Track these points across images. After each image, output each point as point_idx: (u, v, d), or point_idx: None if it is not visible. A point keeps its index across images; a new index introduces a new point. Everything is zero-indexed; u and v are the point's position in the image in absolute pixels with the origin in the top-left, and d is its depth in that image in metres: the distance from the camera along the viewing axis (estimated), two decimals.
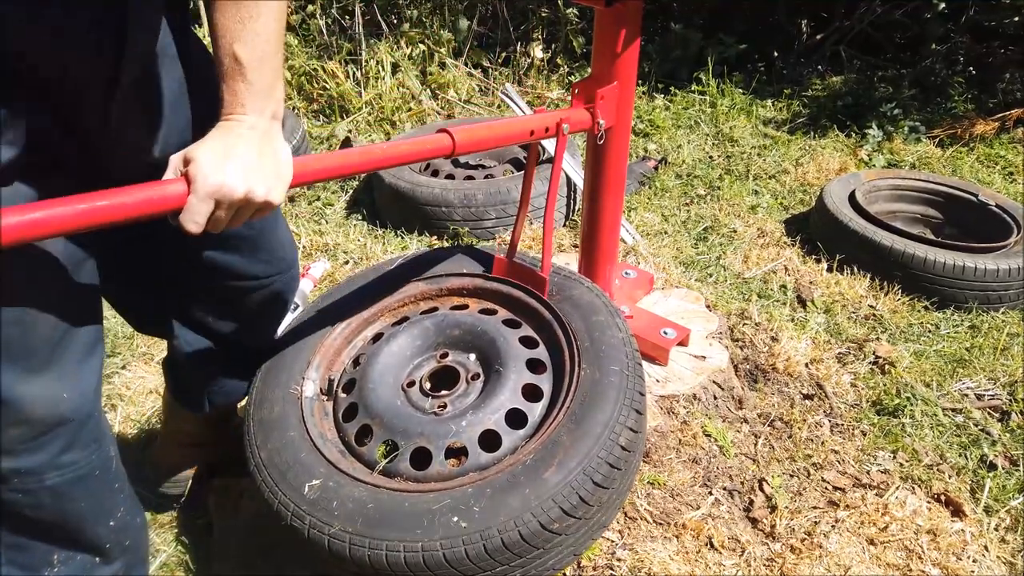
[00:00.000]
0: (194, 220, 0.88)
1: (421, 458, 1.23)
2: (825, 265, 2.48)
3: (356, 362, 1.45)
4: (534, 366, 1.35)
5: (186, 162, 0.88)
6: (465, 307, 1.52)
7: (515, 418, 1.27)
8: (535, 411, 1.28)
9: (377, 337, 1.49)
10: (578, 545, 1.17)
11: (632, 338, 1.35)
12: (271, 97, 0.92)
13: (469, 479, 1.17)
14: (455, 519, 1.08)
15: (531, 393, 1.31)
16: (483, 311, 1.49)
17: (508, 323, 1.44)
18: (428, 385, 1.39)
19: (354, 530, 1.10)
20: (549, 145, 2.55)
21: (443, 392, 1.36)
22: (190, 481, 1.63)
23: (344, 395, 1.38)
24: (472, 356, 1.41)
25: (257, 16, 0.88)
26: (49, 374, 0.97)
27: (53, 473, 1.01)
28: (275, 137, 0.94)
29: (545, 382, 1.33)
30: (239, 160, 0.88)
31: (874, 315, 2.25)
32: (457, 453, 1.25)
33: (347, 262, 2.57)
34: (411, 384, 1.38)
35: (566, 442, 1.17)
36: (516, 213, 1.54)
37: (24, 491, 0.99)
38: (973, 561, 1.46)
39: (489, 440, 1.23)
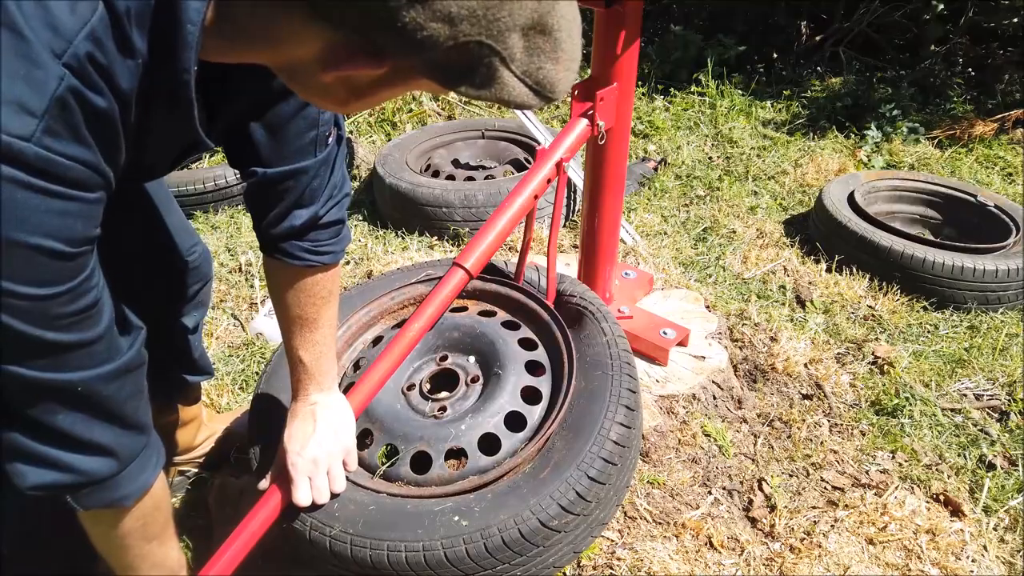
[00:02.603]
0: (305, 497, 1.11)
1: (422, 462, 1.24)
2: (824, 266, 2.49)
3: (356, 365, 1.46)
4: (533, 368, 1.36)
5: (282, 456, 1.14)
6: (464, 309, 1.52)
7: (514, 420, 1.28)
8: (534, 413, 1.29)
9: (377, 340, 1.49)
10: (578, 543, 1.17)
11: (620, 339, 1.36)
12: (328, 377, 1.17)
13: (469, 483, 1.18)
14: (456, 518, 1.09)
15: (530, 395, 1.31)
16: (482, 313, 1.50)
17: (507, 325, 1.45)
18: (428, 387, 1.39)
19: (355, 531, 1.11)
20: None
21: (443, 394, 1.37)
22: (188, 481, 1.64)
23: None
24: (472, 358, 1.41)
25: (315, 331, 1.14)
26: None
27: None
28: (333, 402, 1.18)
29: (544, 384, 1.33)
30: (314, 443, 1.13)
31: (873, 315, 2.26)
32: (457, 455, 1.25)
33: (348, 262, 2.58)
34: (411, 387, 1.39)
35: (560, 443, 1.18)
36: (520, 249, 1.52)
37: None
38: (972, 561, 1.46)
39: (489, 443, 1.24)
